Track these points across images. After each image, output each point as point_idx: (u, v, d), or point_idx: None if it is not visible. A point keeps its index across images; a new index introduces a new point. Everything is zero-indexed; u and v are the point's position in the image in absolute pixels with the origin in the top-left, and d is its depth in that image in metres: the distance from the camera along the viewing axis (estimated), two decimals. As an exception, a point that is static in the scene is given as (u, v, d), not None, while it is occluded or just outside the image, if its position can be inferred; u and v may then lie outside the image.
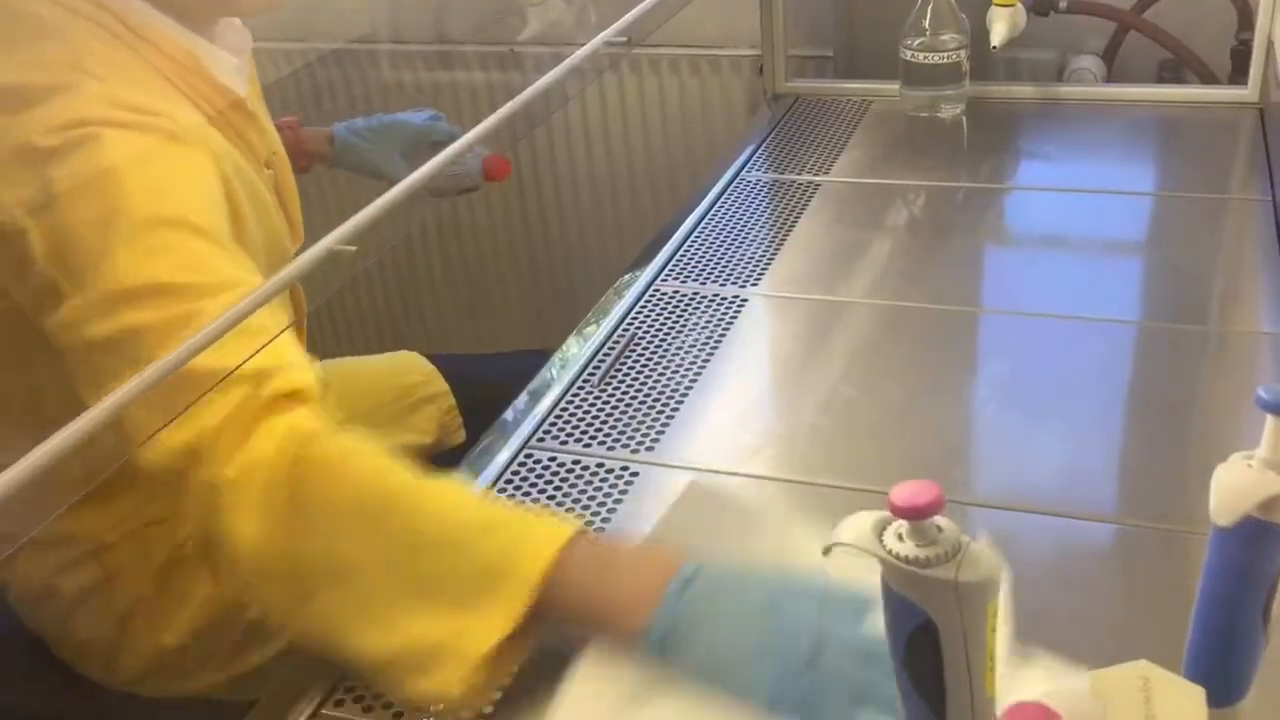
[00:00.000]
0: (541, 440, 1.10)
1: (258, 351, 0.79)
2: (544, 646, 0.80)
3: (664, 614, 0.73)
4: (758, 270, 1.35)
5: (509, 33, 2.10)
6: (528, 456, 1.07)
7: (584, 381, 1.18)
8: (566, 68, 1.21)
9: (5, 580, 1.13)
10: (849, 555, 0.52)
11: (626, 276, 1.37)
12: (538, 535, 0.78)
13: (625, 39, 1.34)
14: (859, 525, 0.52)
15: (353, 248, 0.89)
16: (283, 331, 0.87)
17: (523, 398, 1.17)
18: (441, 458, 1.45)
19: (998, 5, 1.62)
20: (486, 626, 0.74)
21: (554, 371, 1.20)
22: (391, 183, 1.31)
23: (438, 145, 1.44)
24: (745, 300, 1.30)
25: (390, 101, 2.22)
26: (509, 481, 1.04)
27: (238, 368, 0.77)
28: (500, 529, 0.80)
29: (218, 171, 0.98)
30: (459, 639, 0.75)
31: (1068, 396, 1.11)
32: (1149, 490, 0.98)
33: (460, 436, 1.49)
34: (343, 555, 0.79)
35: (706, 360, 1.20)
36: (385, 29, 2.16)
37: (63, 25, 0.96)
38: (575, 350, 1.24)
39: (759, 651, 0.71)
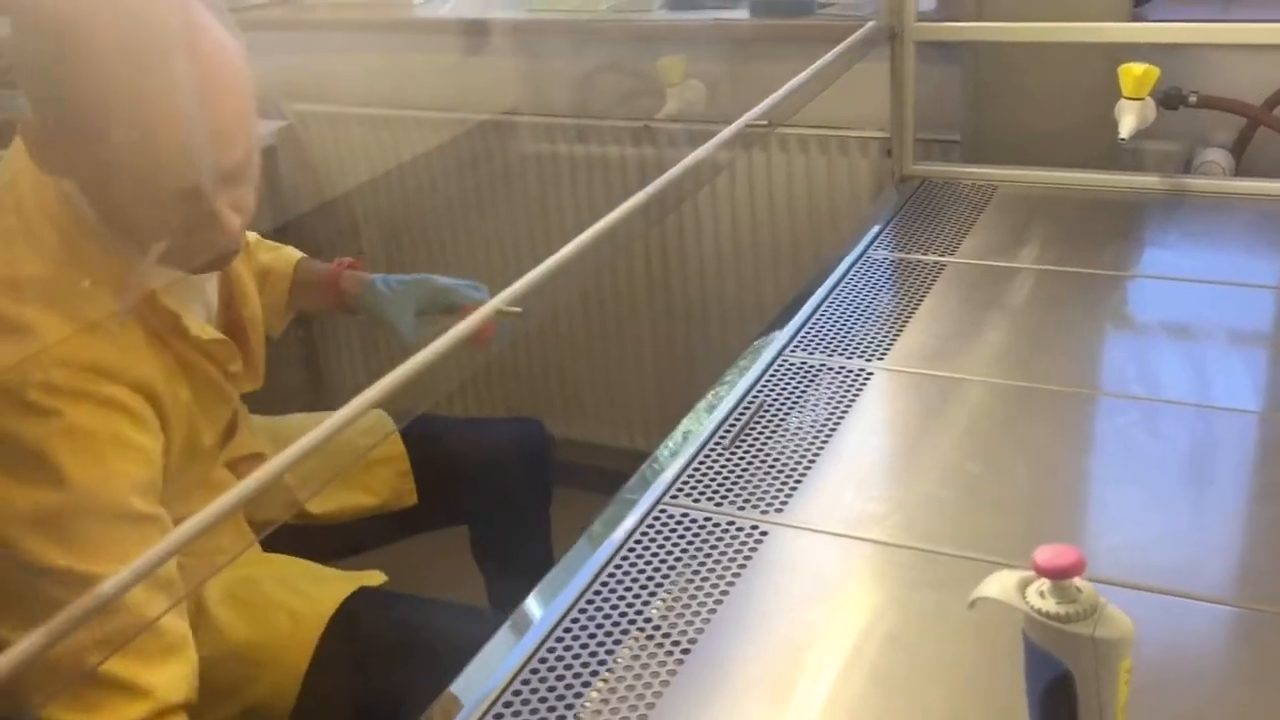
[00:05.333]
0: (675, 497, 1.16)
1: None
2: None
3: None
4: (883, 345, 1.40)
5: (645, 110, 2.20)
6: (662, 511, 1.13)
7: (715, 443, 1.24)
8: (712, 146, 1.29)
9: None
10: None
11: (756, 344, 1.43)
12: None
13: (766, 121, 1.42)
14: (1004, 582, 0.56)
15: (518, 309, 0.96)
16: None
17: (660, 454, 1.23)
18: (389, 518, 1.53)
19: (1127, 99, 1.66)
20: None
21: (687, 432, 1.26)
22: (394, 336, 1.46)
23: (451, 308, 1.49)
24: (871, 374, 1.35)
25: (529, 170, 2.32)
26: (644, 534, 1.10)
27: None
28: None
29: (150, 431, 1.10)
30: None
31: (1187, 480, 1.13)
32: (1271, 574, 1.00)
33: (411, 499, 1.54)
34: None
35: (833, 429, 1.25)
36: (529, 102, 2.27)
37: (46, 242, 1.07)
38: (706, 413, 1.30)
39: None
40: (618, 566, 1.06)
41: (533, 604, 1.04)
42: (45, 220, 1.07)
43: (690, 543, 1.09)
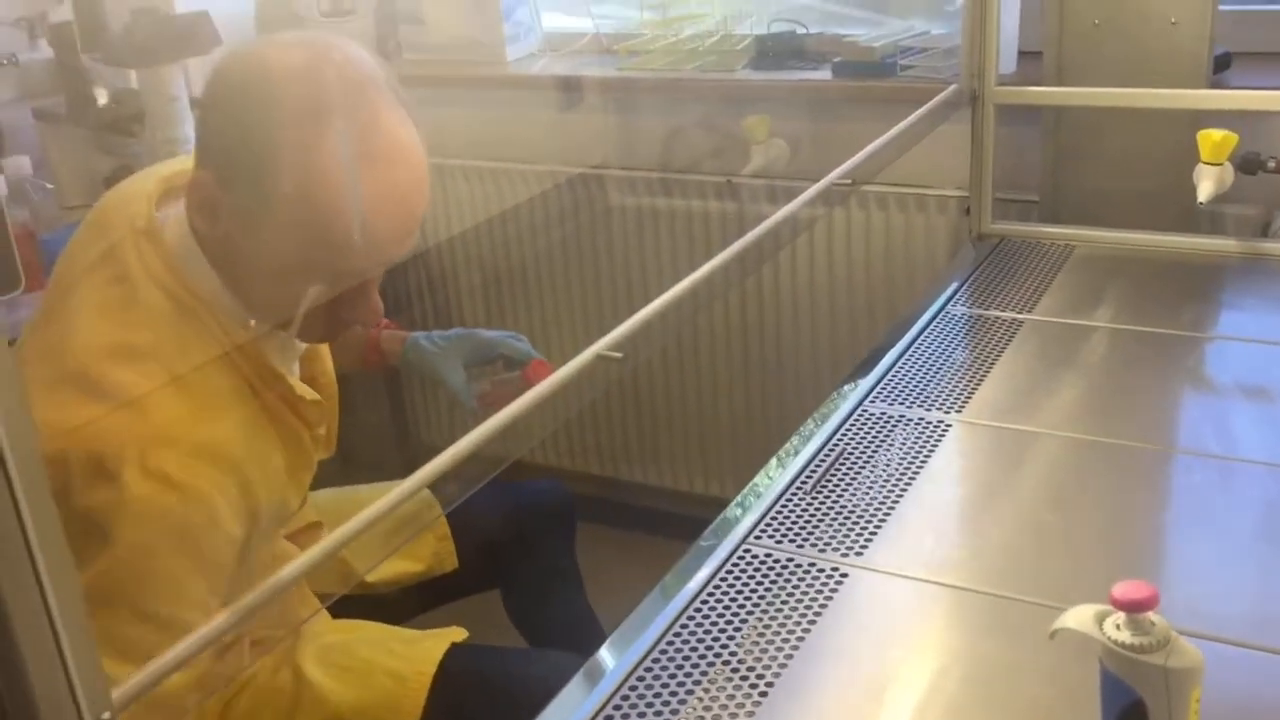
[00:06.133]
0: (758, 539, 1.20)
1: None
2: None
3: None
4: (961, 398, 1.45)
5: (727, 165, 2.26)
6: (746, 551, 1.18)
7: (797, 488, 1.28)
8: (801, 202, 1.35)
9: None
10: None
11: (837, 394, 1.48)
12: None
13: (850, 180, 1.48)
14: (1082, 614, 0.61)
15: (619, 354, 1.02)
16: None
17: (743, 499, 1.28)
18: (426, 586, 1.54)
19: (1205, 163, 1.69)
20: None
21: (769, 477, 1.31)
22: (447, 390, 1.48)
23: (505, 359, 1.50)
24: (949, 426, 1.39)
25: (614, 222, 2.40)
26: (729, 572, 1.15)
27: None
28: None
29: (228, 526, 1.05)
30: None
31: (1260, 536, 1.16)
32: (1341, 631, 1.03)
33: (452, 563, 1.55)
34: None
35: (912, 478, 1.29)
36: (616, 157, 2.35)
37: (157, 309, 1.05)
38: (788, 460, 1.35)
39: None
40: (697, 610, 1.11)
41: (611, 650, 1.07)
42: (155, 288, 1.05)
43: (773, 583, 1.13)
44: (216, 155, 1.04)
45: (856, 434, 1.39)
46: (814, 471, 1.31)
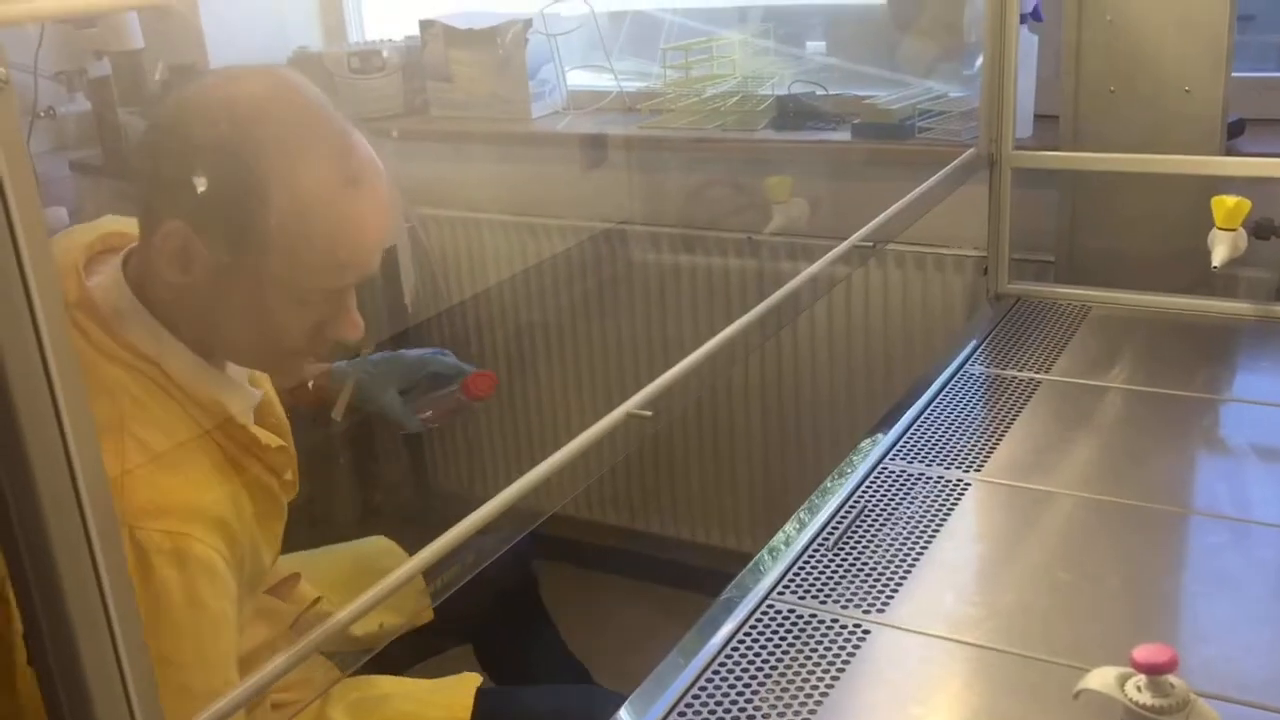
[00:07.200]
0: (781, 594, 1.23)
1: None
2: None
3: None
4: (980, 457, 1.47)
5: (747, 223, 2.31)
6: (770, 607, 1.20)
7: (819, 545, 1.31)
8: (825, 262, 1.38)
9: None
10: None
11: (857, 451, 1.51)
12: None
13: (871, 243, 1.51)
14: (1104, 676, 0.63)
15: (649, 412, 1.05)
16: None
17: (764, 555, 1.30)
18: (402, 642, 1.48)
19: (1219, 229, 1.73)
20: None
21: (790, 534, 1.34)
22: (386, 415, 1.44)
23: (437, 376, 1.48)
24: (968, 484, 1.41)
25: (634, 277, 2.44)
26: (753, 627, 1.17)
27: None
28: None
29: (219, 584, 1.03)
30: None
31: (1277, 598, 1.18)
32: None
33: (428, 615, 1.50)
34: None
35: (932, 536, 1.31)
36: (639, 213, 2.40)
37: (110, 379, 1.02)
38: (809, 516, 1.37)
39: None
40: (721, 664, 1.13)
41: (633, 708, 1.09)
42: (102, 359, 1.02)
43: (796, 638, 1.16)
44: (190, 201, 1.01)
45: (877, 491, 1.41)
46: (835, 528, 1.34)
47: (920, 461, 1.47)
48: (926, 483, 1.42)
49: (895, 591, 1.22)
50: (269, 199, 1.00)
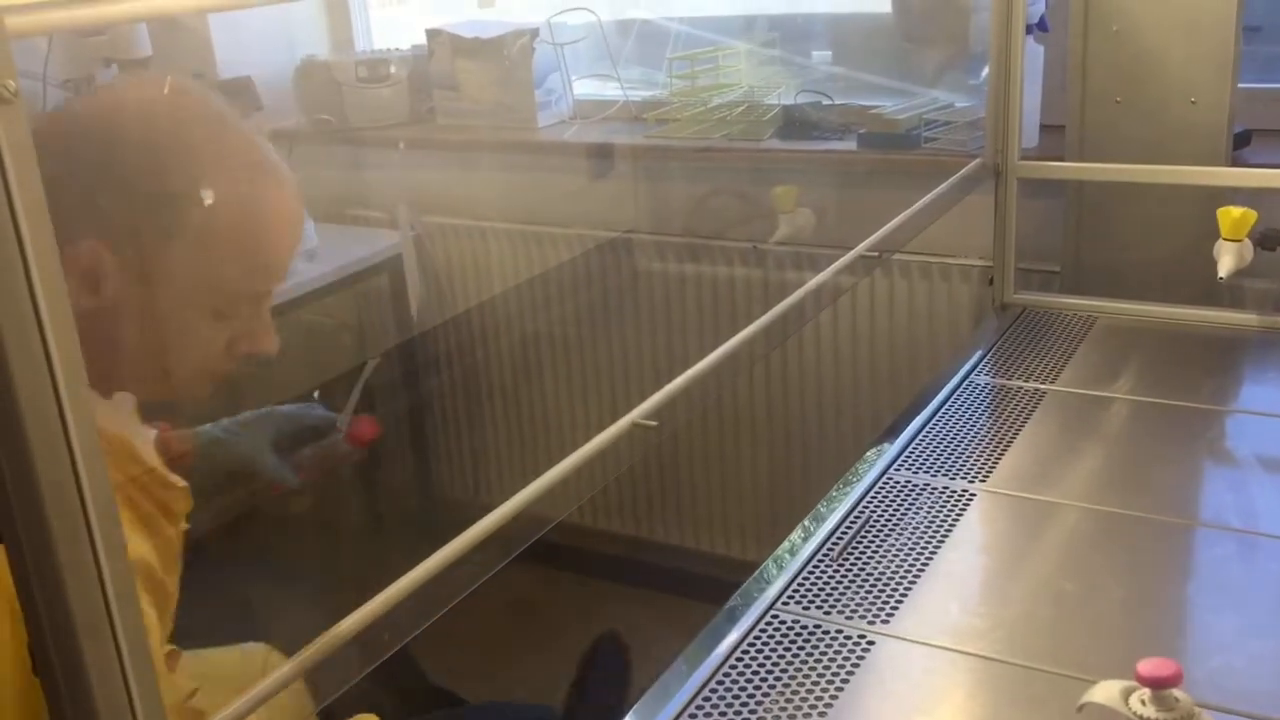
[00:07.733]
0: (785, 604, 1.23)
1: None
2: None
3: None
4: (985, 468, 1.47)
5: (753, 232, 2.31)
6: (774, 617, 1.20)
7: (824, 555, 1.31)
8: (832, 271, 1.38)
9: None
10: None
11: (862, 461, 1.51)
12: None
13: (877, 253, 1.52)
14: (1109, 690, 0.63)
15: (654, 422, 1.06)
16: None
17: (769, 564, 1.30)
18: None
19: (1225, 239, 1.72)
20: None
21: (795, 544, 1.34)
22: (262, 475, 1.36)
23: (312, 429, 1.43)
24: (973, 495, 1.41)
25: (640, 286, 2.45)
26: (758, 637, 1.17)
27: None
28: None
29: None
30: None
31: (1284, 612, 1.18)
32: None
33: None
34: None
35: (937, 546, 1.31)
36: (645, 222, 2.40)
37: None
38: (814, 526, 1.37)
39: None
40: (725, 674, 1.13)
41: (638, 716, 1.08)
42: None
43: (800, 648, 1.15)
44: (101, 219, 0.96)
45: (882, 501, 1.41)
46: (840, 538, 1.34)
47: (925, 472, 1.47)
48: (931, 493, 1.42)
49: (900, 602, 1.22)
50: (182, 200, 0.97)
